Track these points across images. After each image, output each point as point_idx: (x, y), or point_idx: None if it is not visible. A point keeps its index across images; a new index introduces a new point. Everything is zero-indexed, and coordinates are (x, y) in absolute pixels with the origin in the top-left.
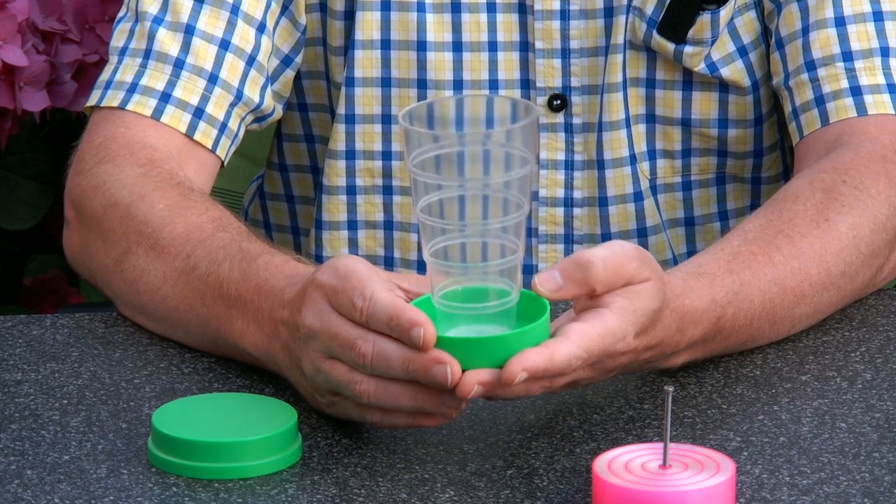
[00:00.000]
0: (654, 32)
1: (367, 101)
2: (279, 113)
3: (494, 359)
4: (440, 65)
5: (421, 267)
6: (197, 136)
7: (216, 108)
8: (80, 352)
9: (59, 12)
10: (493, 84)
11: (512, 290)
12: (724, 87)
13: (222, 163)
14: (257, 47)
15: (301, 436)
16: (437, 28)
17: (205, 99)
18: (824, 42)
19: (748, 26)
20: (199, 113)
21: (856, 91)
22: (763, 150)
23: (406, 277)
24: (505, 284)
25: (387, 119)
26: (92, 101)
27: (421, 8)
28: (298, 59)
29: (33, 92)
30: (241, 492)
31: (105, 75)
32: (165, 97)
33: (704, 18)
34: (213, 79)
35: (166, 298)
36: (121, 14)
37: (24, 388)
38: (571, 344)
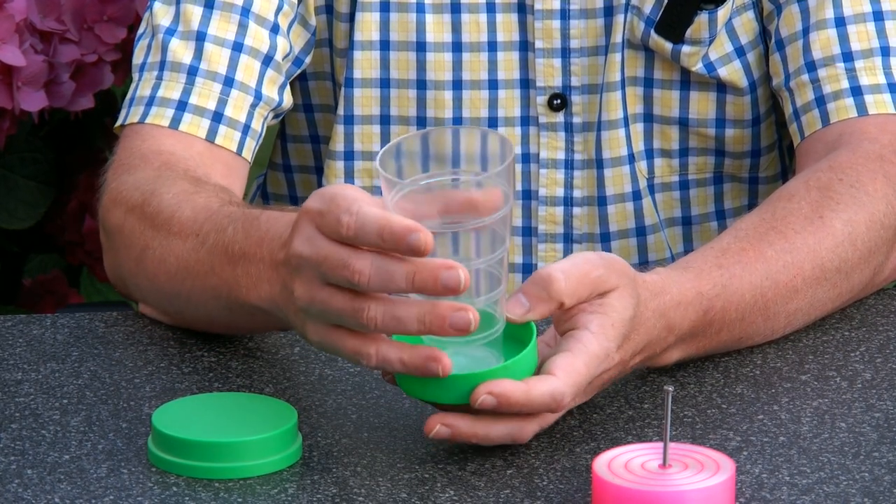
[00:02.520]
0: (652, 32)
1: (366, 101)
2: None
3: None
4: (440, 65)
5: None
6: (219, 140)
7: (235, 110)
8: (80, 351)
9: (58, 12)
10: (493, 84)
11: (498, 321)
12: (721, 87)
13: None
14: (273, 47)
15: (301, 436)
16: (437, 28)
17: (222, 103)
18: (825, 43)
19: (746, 27)
20: (217, 117)
21: (856, 91)
22: (760, 150)
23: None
24: (492, 311)
25: (385, 120)
26: (118, 122)
27: (420, 9)
28: (307, 60)
29: (31, 92)
30: (241, 492)
31: (129, 94)
32: (182, 105)
33: (702, 18)
34: (228, 81)
35: (183, 280)
36: (140, 31)
37: (25, 387)
38: (557, 381)
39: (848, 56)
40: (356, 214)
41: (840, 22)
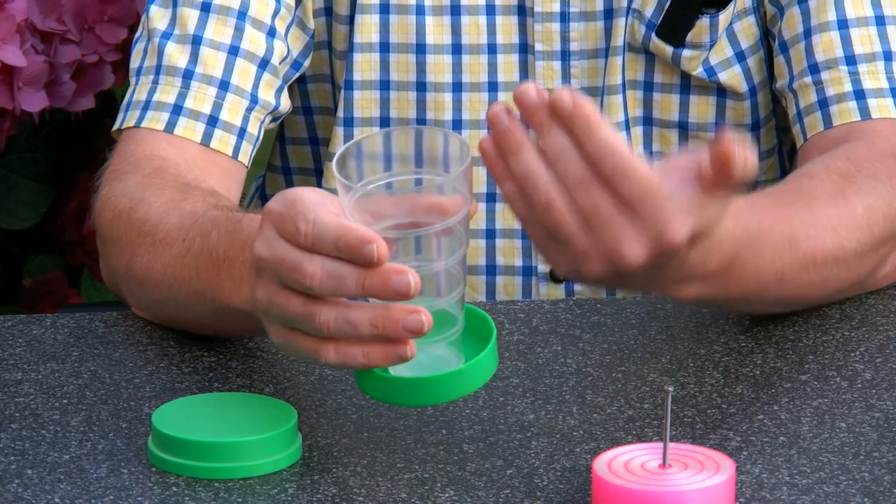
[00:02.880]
0: (653, 35)
1: (365, 104)
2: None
3: (444, 393)
4: (439, 67)
5: None
6: (214, 144)
7: (231, 114)
8: (80, 351)
9: (58, 12)
10: (493, 86)
11: (458, 321)
12: (721, 91)
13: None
14: (270, 51)
15: (301, 436)
16: (437, 31)
17: (217, 106)
18: (827, 45)
19: (747, 31)
20: (213, 121)
21: (859, 95)
22: (760, 155)
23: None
24: (453, 311)
25: (385, 122)
26: (115, 126)
27: (420, 11)
28: (306, 63)
29: (32, 92)
30: (241, 492)
31: (126, 98)
32: (177, 109)
33: (703, 22)
34: (224, 85)
35: (170, 287)
36: (137, 34)
37: (25, 387)
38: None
39: (851, 59)
40: (313, 223)
41: (843, 25)
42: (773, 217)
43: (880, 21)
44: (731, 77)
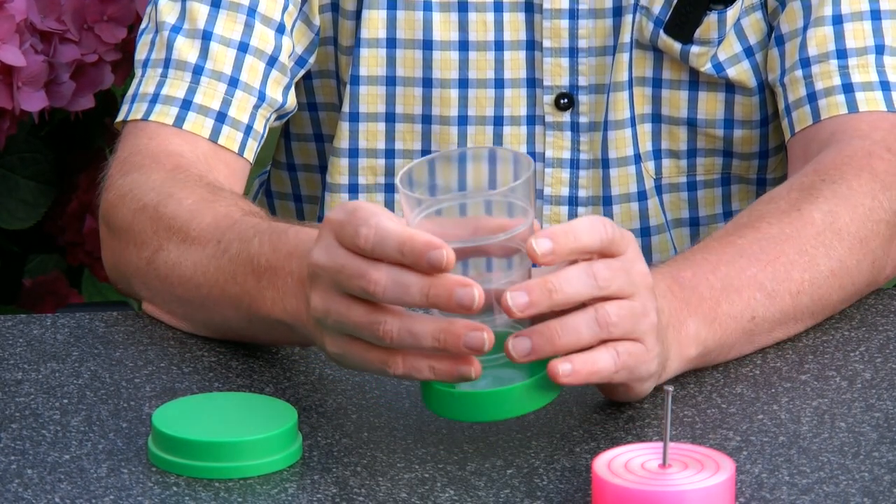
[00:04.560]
0: (661, 32)
1: (371, 99)
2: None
3: (512, 408)
4: (446, 64)
5: None
6: (221, 141)
7: (239, 111)
8: (80, 351)
9: (58, 12)
10: (500, 83)
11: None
12: (730, 87)
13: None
14: (278, 48)
15: (301, 435)
16: (444, 27)
17: (226, 103)
18: (820, 39)
19: (755, 27)
20: (221, 117)
21: (847, 88)
22: (769, 152)
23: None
24: (514, 332)
25: (391, 117)
26: (120, 117)
27: (427, 7)
28: (311, 59)
29: (32, 92)
30: (241, 492)
31: (131, 89)
32: (187, 104)
33: (711, 18)
34: (233, 82)
35: (200, 286)
36: (143, 26)
37: (25, 387)
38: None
39: (842, 53)
40: (375, 227)
41: (837, 20)
42: (708, 246)
43: (875, 15)
44: (740, 73)
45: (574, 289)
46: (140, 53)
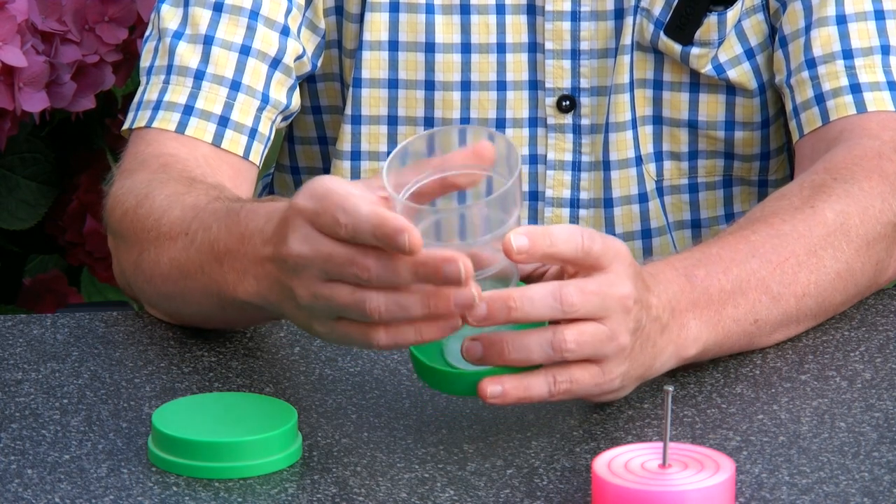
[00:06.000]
0: (662, 34)
1: (373, 102)
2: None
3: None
4: (448, 66)
5: None
6: (224, 145)
7: (242, 114)
8: (80, 351)
9: (59, 13)
10: (502, 85)
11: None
12: (731, 89)
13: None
14: (282, 50)
15: (301, 435)
16: (446, 30)
17: (228, 107)
18: (825, 40)
19: (756, 28)
20: (224, 122)
21: (855, 88)
22: (770, 153)
23: (374, 181)
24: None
25: (393, 121)
26: (125, 125)
27: (430, 9)
28: (318, 62)
29: (33, 92)
30: (241, 492)
31: (136, 97)
32: (189, 110)
33: (711, 20)
34: (235, 86)
35: (177, 281)
36: (147, 33)
37: (25, 387)
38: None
39: (848, 53)
40: (352, 213)
41: (841, 20)
42: (722, 242)
43: (879, 15)
44: (741, 74)
45: (535, 310)
46: (144, 61)
